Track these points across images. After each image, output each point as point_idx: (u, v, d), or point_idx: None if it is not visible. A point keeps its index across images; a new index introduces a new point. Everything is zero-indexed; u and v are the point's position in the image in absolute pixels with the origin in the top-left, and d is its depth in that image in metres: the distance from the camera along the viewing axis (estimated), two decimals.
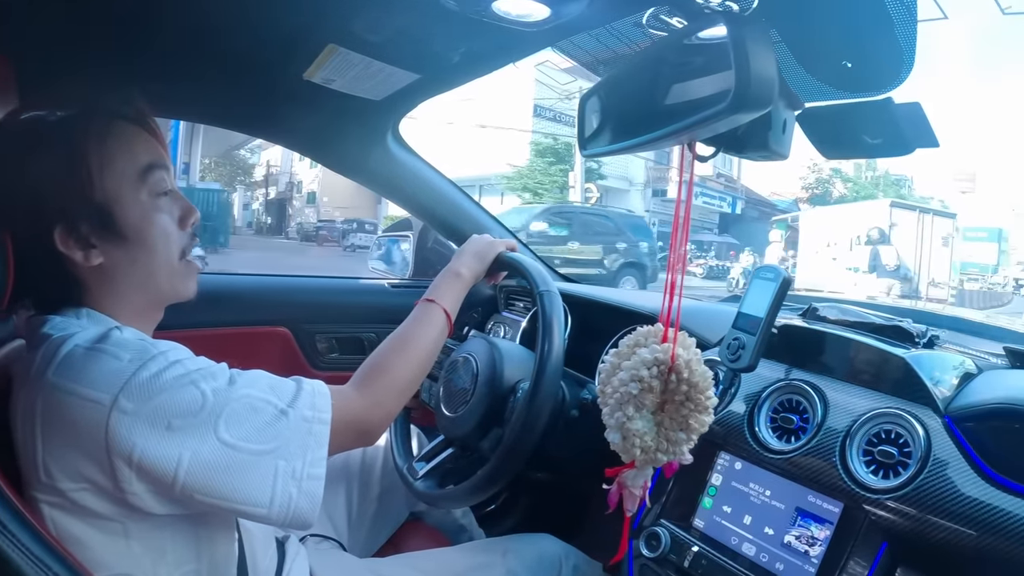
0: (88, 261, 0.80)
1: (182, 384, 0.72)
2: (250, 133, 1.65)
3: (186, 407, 0.71)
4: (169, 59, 1.13)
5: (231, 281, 1.88)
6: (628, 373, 0.77)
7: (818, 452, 1.00)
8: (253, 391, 0.76)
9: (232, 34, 1.05)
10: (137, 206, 0.82)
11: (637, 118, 0.77)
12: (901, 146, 0.77)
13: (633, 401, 0.77)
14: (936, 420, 0.94)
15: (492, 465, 1.07)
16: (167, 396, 0.71)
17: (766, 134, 0.73)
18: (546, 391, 1.03)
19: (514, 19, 0.81)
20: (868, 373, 1.07)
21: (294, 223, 32.09)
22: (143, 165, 0.83)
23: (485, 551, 1.23)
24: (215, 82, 1.26)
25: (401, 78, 1.16)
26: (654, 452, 0.79)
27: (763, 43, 0.59)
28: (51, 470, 0.71)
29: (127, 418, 0.69)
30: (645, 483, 0.85)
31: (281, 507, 0.74)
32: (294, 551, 1.08)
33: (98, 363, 0.71)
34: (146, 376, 0.71)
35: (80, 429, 0.70)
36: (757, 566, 1.01)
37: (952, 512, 0.84)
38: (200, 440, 0.71)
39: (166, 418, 0.70)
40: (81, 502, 0.72)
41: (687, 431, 0.80)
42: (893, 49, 0.70)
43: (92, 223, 0.79)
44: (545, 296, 1.07)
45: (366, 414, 0.86)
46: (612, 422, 0.79)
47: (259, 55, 1.12)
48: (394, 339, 0.96)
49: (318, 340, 1.85)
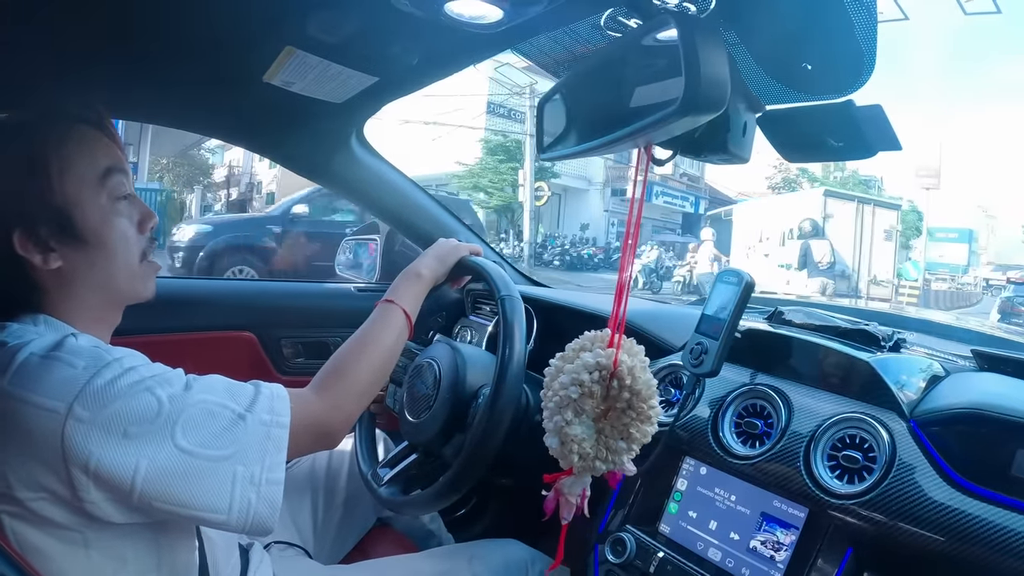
0: (47, 265, 0.79)
1: (137, 391, 0.71)
2: (212, 136, 1.63)
3: (142, 414, 0.70)
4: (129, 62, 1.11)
5: (195, 285, 1.87)
6: (569, 377, 0.76)
7: (783, 457, 1.00)
8: (210, 396, 0.76)
9: (192, 35, 1.03)
10: (96, 210, 0.82)
11: (596, 121, 0.76)
12: (863, 149, 0.77)
13: (572, 406, 0.76)
14: (901, 424, 0.94)
15: (454, 471, 1.05)
16: (122, 403, 0.70)
17: (725, 136, 0.73)
18: (507, 396, 1.02)
19: (468, 21, 0.80)
20: (834, 377, 1.07)
21: None
22: (102, 169, 0.83)
23: (451, 557, 1.22)
24: (175, 84, 1.24)
25: (360, 80, 1.15)
26: (592, 460, 0.78)
27: (714, 44, 0.58)
28: (8, 479, 0.71)
29: (83, 426, 0.68)
30: (583, 491, 0.84)
31: (240, 513, 0.74)
32: (258, 559, 1.07)
33: (52, 371, 0.71)
34: (100, 383, 0.70)
35: (36, 438, 0.69)
36: (723, 571, 1.01)
37: (917, 517, 0.84)
38: (157, 447, 0.70)
39: (122, 425, 0.69)
40: (40, 512, 0.71)
41: (628, 440, 0.79)
42: (853, 51, 0.70)
43: (51, 227, 0.79)
44: (506, 301, 1.06)
45: (326, 417, 0.86)
46: (551, 426, 0.78)
47: (219, 57, 1.10)
48: (353, 341, 0.95)
49: (284, 345, 1.83)
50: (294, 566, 1.18)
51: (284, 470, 0.77)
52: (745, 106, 0.74)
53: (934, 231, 31.82)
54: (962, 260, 28.19)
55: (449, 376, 1.16)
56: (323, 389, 0.88)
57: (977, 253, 28.30)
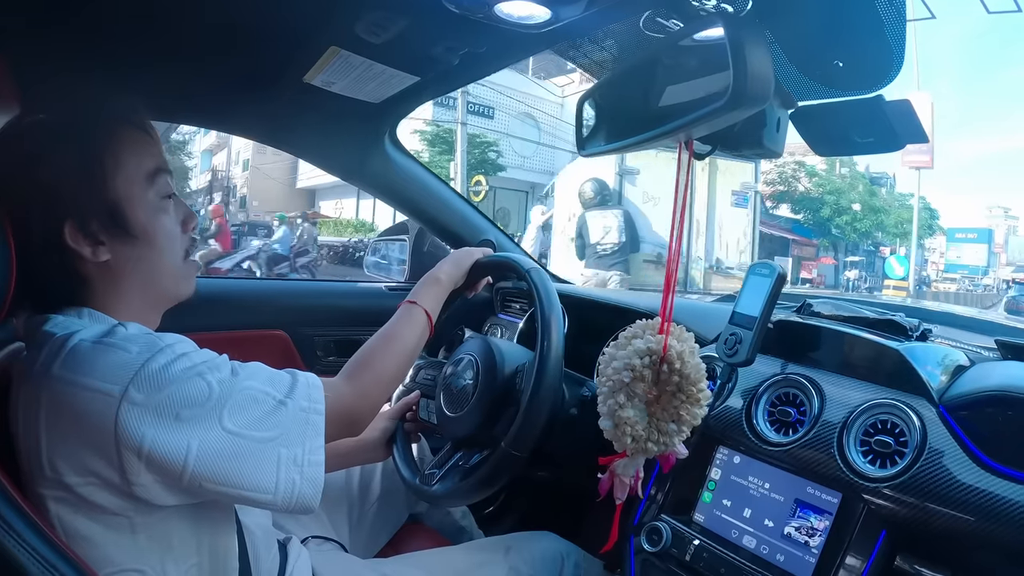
0: (96, 257, 0.81)
1: (190, 376, 0.74)
2: (248, 136, 1.65)
3: (194, 398, 0.73)
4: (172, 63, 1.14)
5: (230, 285, 1.89)
6: (622, 362, 0.80)
7: (816, 444, 1.02)
8: (254, 382, 0.79)
9: (236, 38, 1.06)
10: (145, 206, 0.85)
11: (632, 119, 0.79)
12: (892, 142, 0.80)
13: (625, 389, 0.79)
14: (931, 410, 0.96)
15: (512, 435, 1.06)
16: (176, 387, 0.72)
17: (761, 132, 0.76)
18: (554, 357, 1.05)
19: (515, 21, 0.83)
20: (863, 366, 1.09)
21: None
22: (151, 168, 0.86)
23: (487, 549, 1.24)
24: (215, 87, 1.27)
25: (401, 80, 1.17)
26: (645, 441, 0.81)
27: (759, 42, 0.61)
28: (56, 465, 0.72)
29: (137, 409, 0.70)
30: (637, 473, 0.87)
31: (286, 492, 0.77)
32: (296, 552, 1.09)
33: (106, 356, 0.72)
34: (155, 368, 0.72)
35: (88, 421, 0.70)
36: (758, 558, 1.02)
37: (949, 499, 0.86)
38: (207, 429, 0.73)
39: (175, 409, 0.72)
40: (88, 497, 0.73)
41: (678, 423, 0.82)
42: (883, 48, 0.72)
43: (102, 220, 0.81)
44: (532, 273, 1.10)
45: (355, 405, 0.90)
46: (605, 409, 0.82)
47: (262, 57, 1.13)
48: (379, 337, 1.00)
49: (316, 343, 1.86)
50: (332, 559, 1.19)
51: (324, 453, 0.80)
52: (779, 102, 0.77)
53: (953, 232, 30.82)
54: (981, 261, 27.57)
55: (487, 363, 1.18)
56: (353, 379, 0.92)
57: (996, 254, 27.60)
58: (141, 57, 1.11)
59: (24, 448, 0.75)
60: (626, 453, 0.84)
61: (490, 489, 1.12)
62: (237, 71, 1.19)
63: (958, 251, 29.40)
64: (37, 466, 0.73)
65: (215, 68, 1.18)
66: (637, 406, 0.81)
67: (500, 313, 1.83)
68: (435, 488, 1.20)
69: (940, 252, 34.64)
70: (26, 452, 0.74)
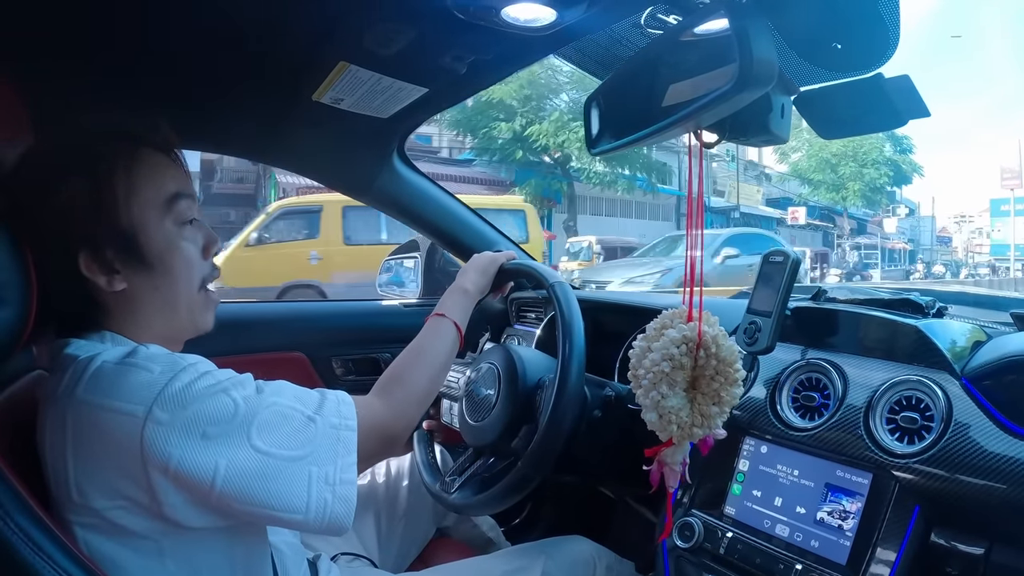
0: (111, 286, 0.81)
1: (214, 392, 0.73)
2: (255, 159, 1.68)
3: (219, 415, 0.72)
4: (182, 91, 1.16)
5: (246, 309, 1.90)
6: (659, 353, 0.80)
7: (842, 425, 1.02)
8: (281, 399, 0.78)
9: (243, 59, 1.07)
10: (162, 234, 0.83)
11: (638, 117, 0.80)
12: (894, 119, 0.81)
13: (666, 379, 0.80)
14: (954, 383, 0.96)
15: (529, 457, 1.07)
16: (200, 405, 0.72)
17: (767, 118, 0.78)
18: (576, 372, 1.06)
19: (521, 25, 0.84)
20: (883, 345, 1.09)
21: None
22: (169, 194, 0.85)
23: (520, 556, 1.24)
24: (226, 111, 1.29)
25: (409, 93, 1.18)
26: (690, 427, 0.82)
27: (761, 26, 0.63)
28: (84, 489, 0.72)
29: (162, 428, 0.70)
30: (684, 459, 0.88)
31: (317, 512, 0.75)
32: (326, 569, 1.08)
33: (129, 376, 0.72)
34: (179, 386, 0.72)
35: (114, 443, 0.71)
36: (792, 546, 1.02)
37: (980, 468, 0.86)
38: (235, 448, 0.72)
39: (201, 427, 0.71)
40: (116, 520, 0.73)
41: (719, 404, 0.83)
42: (879, 27, 0.74)
43: (117, 249, 0.81)
44: (556, 287, 1.11)
45: (391, 421, 0.89)
46: (647, 402, 0.82)
47: (270, 78, 1.15)
48: (410, 351, 0.99)
49: (334, 363, 1.87)
50: (364, 575, 1.21)
51: (356, 471, 0.79)
52: (781, 88, 0.79)
53: (997, 204, 27.43)
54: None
55: (509, 374, 1.18)
56: (386, 395, 0.91)
57: None
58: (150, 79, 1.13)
59: (52, 473, 0.75)
60: (672, 441, 0.85)
61: (507, 503, 1.13)
62: (247, 94, 1.21)
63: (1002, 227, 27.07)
64: (65, 492, 0.73)
65: (227, 93, 1.19)
66: (678, 394, 0.82)
67: (516, 324, 1.84)
68: (454, 497, 1.21)
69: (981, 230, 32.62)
70: (54, 477, 0.75)
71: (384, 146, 1.57)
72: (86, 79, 1.12)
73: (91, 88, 1.15)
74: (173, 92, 1.18)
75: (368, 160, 1.61)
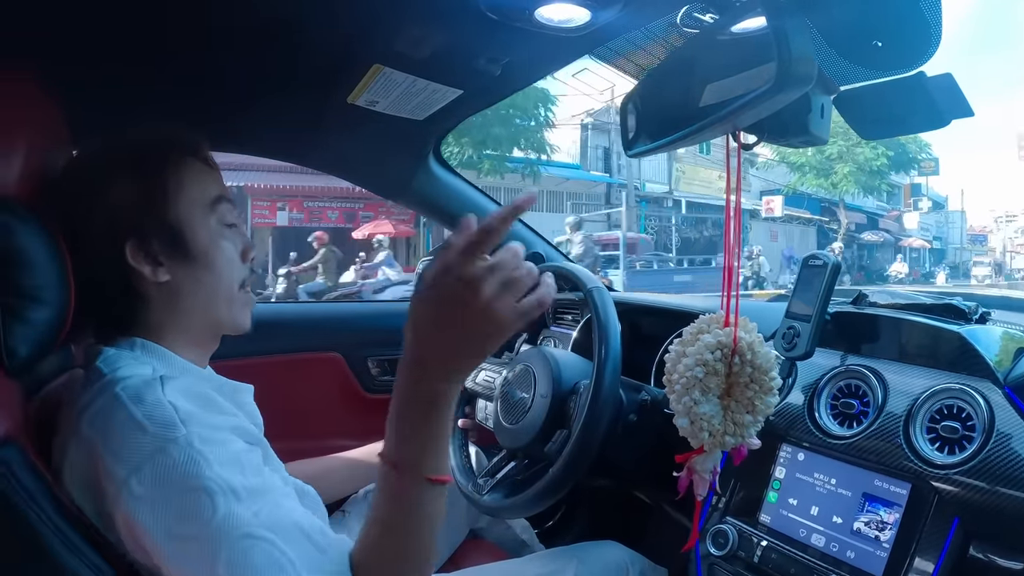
0: (155, 277, 0.83)
1: (193, 489, 0.68)
2: (294, 161, 1.70)
3: (190, 514, 0.68)
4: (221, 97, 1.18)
5: (283, 309, 1.94)
6: (693, 358, 0.79)
7: (882, 434, 1.00)
8: (272, 535, 0.68)
9: (279, 63, 1.09)
10: (206, 231, 0.86)
11: (676, 118, 0.80)
12: (936, 119, 0.79)
13: (699, 385, 0.79)
14: (997, 392, 0.94)
15: (562, 463, 1.07)
16: (175, 495, 0.68)
17: (806, 119, 0.76)
18: (611, 378, 1.05)
19: (556, 26, 0.84)
20: (924, 352, 1.07)
21: None
22: (213, 196, 0.88)
23: (553, 560, 1.23)
24: (261, 112, 1.31)
25: (444, 95, 1.19)
26: (722, 435, 0.80)
27: (800, 24, 0.62)
28: (80, 504, 0.74)
29: (134, 499, 0.69)
30: (715, 468, 0.86)
31: None
32: None
33: (124, 430, 0.71)
34: (159, 466, 0.69)
35: (98, 485, 0.72)
36: (828, 556, 1.00)
37: (1022, 480, 0.84)
38: (195, 563, 0.67)
39: (167, 519, 0.68)
40: (106, 535, 0.74)
41: (753, 413, 0.81)
42: (920, 25, 0.72)
43: (163, 240, 0.83)
44: (594, 292, 1.10)
45: None
46: (680, 408, 0.81)
47: (305, 82, 1.16)
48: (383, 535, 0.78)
49: (370, 363, 1.88)
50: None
51: None
52: (821, 88, 0.77)
53: None
54: None
55: (544, 377, 1.18)
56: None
57: None
58: (189, 87, 1.15)
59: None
60: (703, 449, 0.83)
61: (538, 508, 1.12)
62: (283, 98, 1.22)
63: None
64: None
65: (264, 96, 1.21)
66: (711, 400, 0.80)
67: (552, 325, 1.84)
68: (485, 499, 1.21)
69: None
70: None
71: (420, 148, 1.57)
72: (131, 88, 1.15)
73: (136, 96, 1.18)
74: (213, 97, 1.20)
75: (404, 162, 1.62)
